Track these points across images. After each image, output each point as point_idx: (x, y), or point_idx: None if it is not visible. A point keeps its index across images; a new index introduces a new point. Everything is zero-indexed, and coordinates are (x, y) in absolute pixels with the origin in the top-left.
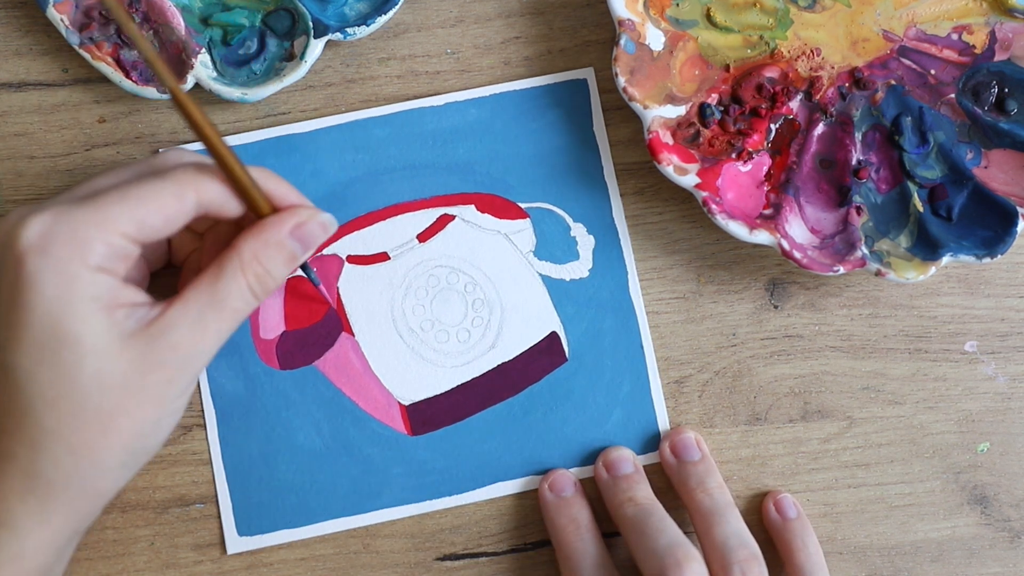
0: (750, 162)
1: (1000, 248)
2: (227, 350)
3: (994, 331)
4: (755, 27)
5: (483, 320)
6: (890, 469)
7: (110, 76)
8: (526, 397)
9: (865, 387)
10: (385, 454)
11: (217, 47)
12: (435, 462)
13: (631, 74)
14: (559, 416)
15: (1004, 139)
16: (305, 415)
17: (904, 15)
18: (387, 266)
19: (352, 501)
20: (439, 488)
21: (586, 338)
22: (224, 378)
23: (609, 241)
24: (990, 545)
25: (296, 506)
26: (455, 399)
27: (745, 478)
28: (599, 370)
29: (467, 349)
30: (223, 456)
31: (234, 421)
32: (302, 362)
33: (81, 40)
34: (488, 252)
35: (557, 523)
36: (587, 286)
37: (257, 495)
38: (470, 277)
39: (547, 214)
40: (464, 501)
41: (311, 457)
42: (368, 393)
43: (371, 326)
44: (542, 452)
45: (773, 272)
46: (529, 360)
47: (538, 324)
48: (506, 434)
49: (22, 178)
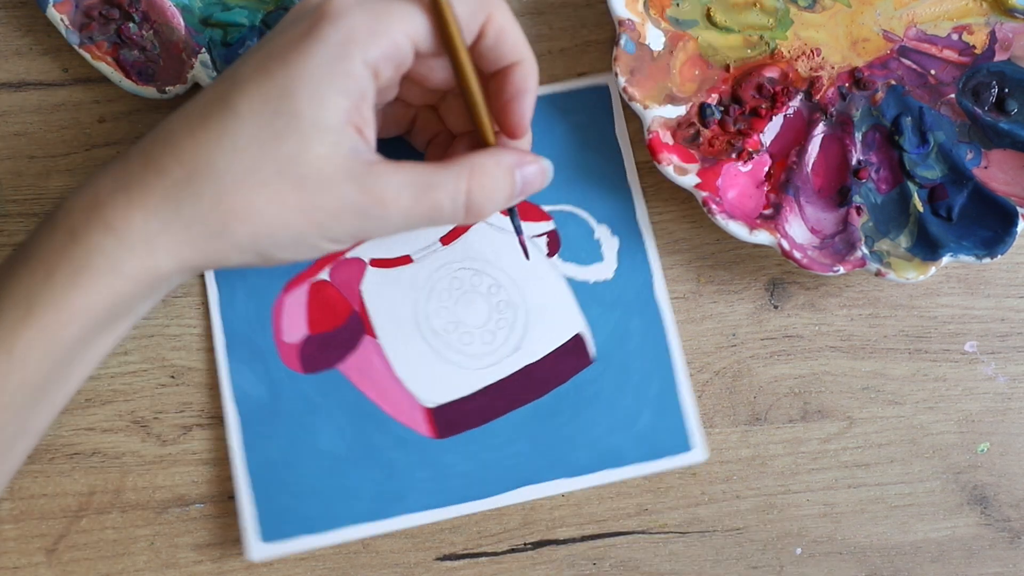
0: (750, 162)
1: (1000, 248)
2: (249, 353)
3: (994, 331)
4: (755, 27)
5: (508, 322)
6: (890, 469)
7: (110, 76)
8: (552, 399)
9: (865, 387)
10: (409, 458)
11: (217, 47)
12: (460, 465)
13: (631, 74)
14: (587, 418)
15: (1004, 139)
16: (328, 419)
17: (904, 15)
18: (410, 269)
19: (377, 505)
20: (465, 492)
21: (612, 340)
22: (247, 382)
23: (633, 242)
24: (990, 545)
25: (319, 511)
26: (480, 402)
27: (745, 478)
28: (626, 371)
29: (492, 351)
30: (246, 460)
31: (256, 425)
32: (325, 365)
33: (81, 40)
34: (512, 254)
35: None
36: (612, 287)
37: (279, 500)
38: (494, 279)
39: (571, 216)
40: (491, 506)
41: (334, 461)
42: (391, 396)
43: (394, 329)
44: (570, 455)
45: (773, 272)
46: (555, 362)
47: (563, 326)
48: (533, 437)
49: (22, 178)
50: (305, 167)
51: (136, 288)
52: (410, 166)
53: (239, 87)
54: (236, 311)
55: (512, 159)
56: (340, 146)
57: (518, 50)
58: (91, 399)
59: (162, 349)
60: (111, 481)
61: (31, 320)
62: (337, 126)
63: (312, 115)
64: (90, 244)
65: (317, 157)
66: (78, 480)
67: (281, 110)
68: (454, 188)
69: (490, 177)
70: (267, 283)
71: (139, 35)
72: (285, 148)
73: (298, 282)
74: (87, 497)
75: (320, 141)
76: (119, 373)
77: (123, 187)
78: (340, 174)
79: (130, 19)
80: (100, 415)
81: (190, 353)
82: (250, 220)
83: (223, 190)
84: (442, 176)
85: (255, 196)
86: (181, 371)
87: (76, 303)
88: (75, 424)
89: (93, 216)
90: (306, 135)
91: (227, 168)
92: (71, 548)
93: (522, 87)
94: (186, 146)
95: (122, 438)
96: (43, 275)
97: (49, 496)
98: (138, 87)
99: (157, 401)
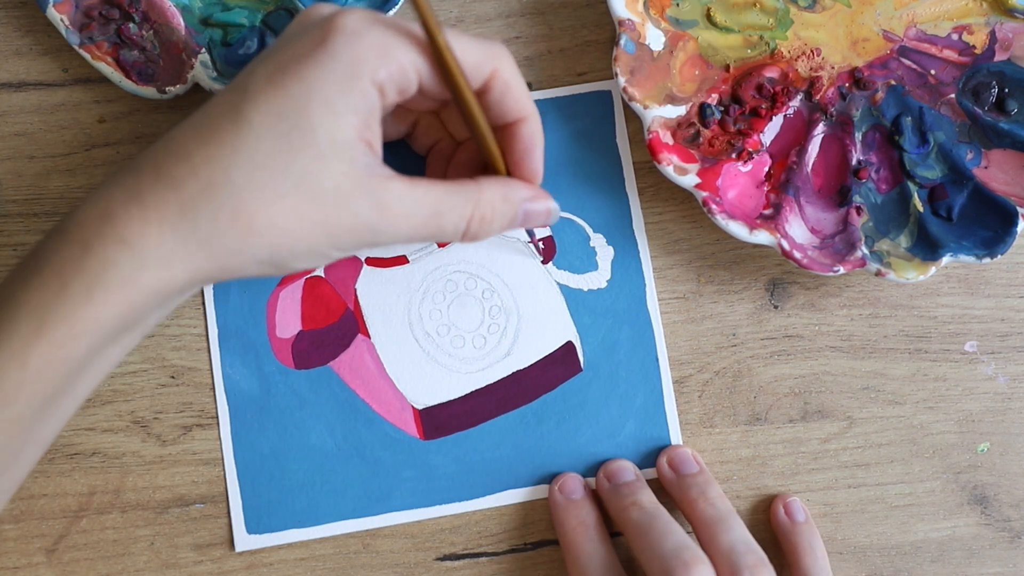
0: (750, 162)
1: (1000, 248)
2: (242, 347)
3: (994, 331)
4: (755, 27)
5: (499, 327)
6: (890, 469)
7: (110, 76)
8: (540, 405)
9: (865, 387)
10: (396, 457)
11: (217, 47)
12: (446, 467)
13: (631, 74)
14: (572, 426)
15: (1004, 139)
16: (318, 415)
17: (904, 15)
18: (405, 270)
19: (361, 503)
20: (448, 493)
21: (602, 349)
22: (239, 375)
23: (628, 252)
24: (990, 545)
25: (306, 506)
26: (469, 405)
27: (745, 478)
28: (614, 381)
29: (483, 355)
30: (235, 453)
31: (247, 419)
32: (317, 362)
33: (81, 40)
34: (506, 259)
35: (566, 524)
36: (605, 296)
37: (267, 493)
38: (488, 284)
39: (567, 224)
40: (472, 507)
41: (323, 457)
42: (382, 396)
43: (387, 329)
44: (553, 461)
45: (773, 272)
46: (544, 369)
47: (554, 333)
48: (518, 442)
49: (22, 178)
50: (323, 182)
51: (150, 301)
52: (423, 186)
53: (251, 99)
54: (230, 305)
55: (523, 195)
56: (356, 162)
57: (522, 106)
58: (91, 399)
59: (162, 349)
60: (111, 481)
61: (44, 333)
62: (351, 142)
63: (327, 131)
64: (104, 258)
65: (335, 173)
66: (78, 480)
67: (297, 125)
68: (460, 215)
69: (498, 212)
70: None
71: (139, 35)
72: (302, 163)
73: (293, 277)
74: (87, 497)
75: (338, 157)
76: (119, 373)
77: (136, 199)
78: (357, 190)
79: (130, 19)
80: (100, 415)
81: (190, 353)
82: (269, 234)
83: (241, 205)
84: (453, 200)
85: (274, 211)
86: (181, 371)
87: (90, 317)
88: (75, 424)
89: (106, 229)
90: (322, 150)
91: (245, 182)
92: (71, 548)
93: (530, 144)
94: (200, 159)
95: (122, 438)
96: (57, 288)
97: (49, 496)
98: (138, 87)
99: (157, 401)
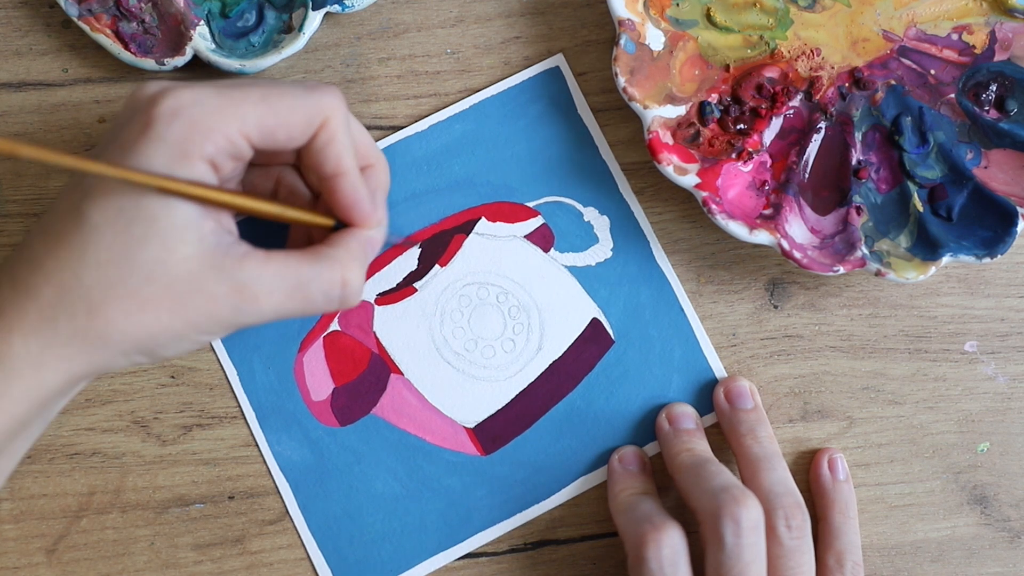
0: (750, 162)
1: (1000, 248)
2: (283, 422)
3: (994, 331)
4: (755, 27)
5: (523, 326)
6: (890, 469)
7: (108, 48)
8: (585, 388)
9: (865, 387)
10: (464, 480)
11: (216, 19)
12: (515, 475)
13: (631, 74)
14: (621, 398)
15: (1004, 139)
16: (377, 463)
17: (904, 15)
18: (416, 299)
19: (445, 534)
20: (525, 498)
21: (626, 316)
22: (289, 449)
23: (623, 216)
24: (990, 545)
25: (392, 554)
26: (517, 409)
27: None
28: (648, 343)
29: (515, 358)
30: (308, 525)
31: (310, 488)
32: (360, 413)
33: (80, 12)
34: (510, 259)
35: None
36: (614, 265)
37: (352, 554)
38: (500, 287)
39: (557, 206)
40: (553, 504)
41: (394, 502)
42: (432, 426)
43: (417, 360)
44: (614, 436)
45: (773, 272)
46: (578, 352)
47: (577, 315)
48: (575, 429)
49: (22, 178)
50: (173, 269)
51: (28, 409)
52: (279, 258)
53: (90, 197)
54: (258, 383)
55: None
56: (205, 243)
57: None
58: (91, 399)
59: None
60: (111, 481)
61: None
62: (195, 223)
63: (167, 216)
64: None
65: (184, 258)
66: (78, 480)
67: (136, 217)
68: (328, 281)
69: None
70: (280, 348)
71: (138, 7)
72: (149, 253)
73: (311, 339)
74: (87, 497)
75: (183, 241)
76: (119, 373)
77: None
78: (210, 273)
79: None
80: (100, 415)
81: (190, 353)
82: (127, 329)
83: (95, 305)
84: (314, 270)
85: (129, 306)
86: (181, 371)
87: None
88: (75, 424)
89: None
90: (166, 238)
91: (95, 282)
92: (71, 548)
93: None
94: (50, 265)
95: (122, 438)
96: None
97: (49, 496)
98: (137, 59)
99: (157, 401)
